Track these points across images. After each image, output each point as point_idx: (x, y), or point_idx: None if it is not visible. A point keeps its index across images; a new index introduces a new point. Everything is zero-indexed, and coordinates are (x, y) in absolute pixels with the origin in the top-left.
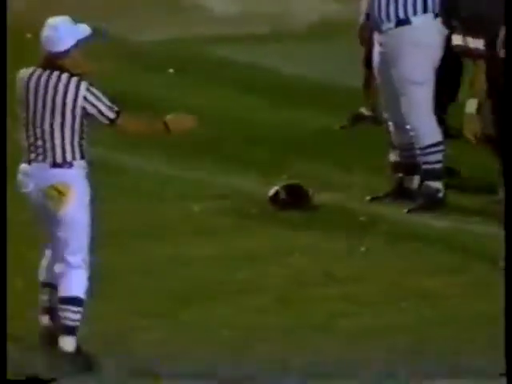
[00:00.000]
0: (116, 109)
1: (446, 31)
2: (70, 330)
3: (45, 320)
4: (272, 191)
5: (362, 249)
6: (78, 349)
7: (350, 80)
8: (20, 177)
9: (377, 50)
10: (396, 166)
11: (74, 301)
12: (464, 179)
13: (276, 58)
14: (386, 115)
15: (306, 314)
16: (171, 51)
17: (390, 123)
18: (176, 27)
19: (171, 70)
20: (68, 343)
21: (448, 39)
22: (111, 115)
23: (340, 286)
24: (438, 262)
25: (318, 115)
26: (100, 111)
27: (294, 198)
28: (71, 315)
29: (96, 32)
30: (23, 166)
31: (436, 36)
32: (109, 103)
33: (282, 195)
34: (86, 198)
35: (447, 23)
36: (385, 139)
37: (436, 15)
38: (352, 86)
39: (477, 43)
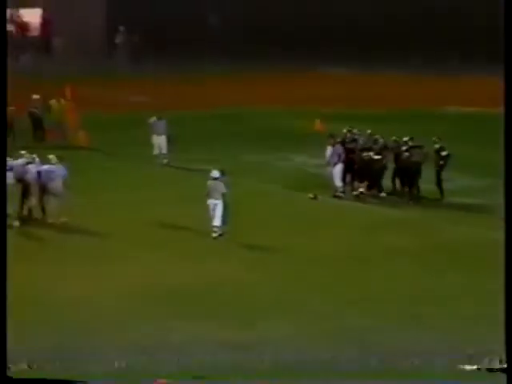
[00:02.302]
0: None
1: None
2: (217, 227)
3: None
4: (310, 195)
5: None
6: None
7: None
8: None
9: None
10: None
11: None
12: None
13: None
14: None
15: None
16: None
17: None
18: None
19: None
20: (217, 220)
21: None
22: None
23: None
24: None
25: None
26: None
27: (315, 197)
28: (219, 225)
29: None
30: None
31: None
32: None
33: (311, 196)
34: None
35: None
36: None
37: None
38: None
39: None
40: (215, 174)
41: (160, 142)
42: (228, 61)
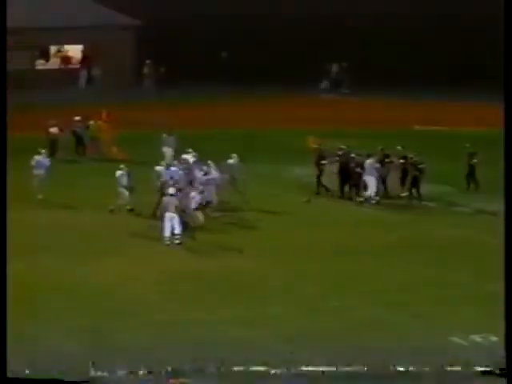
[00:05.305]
0: None
1: None
2: (179, 234)
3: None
4: (304, 199)
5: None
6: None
7: None
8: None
9: None
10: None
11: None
12: None
13: None
14: None
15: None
16: None
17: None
18: None
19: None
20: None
21: None
22: None
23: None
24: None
25: None
26: None
27: (308, 200)
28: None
29: None
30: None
31: None
32: None
33: (307, 200)
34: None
35: None
36: None
37: None
38: None
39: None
40: (171, 191)
41: (169, 152)
42: (235, 88)
